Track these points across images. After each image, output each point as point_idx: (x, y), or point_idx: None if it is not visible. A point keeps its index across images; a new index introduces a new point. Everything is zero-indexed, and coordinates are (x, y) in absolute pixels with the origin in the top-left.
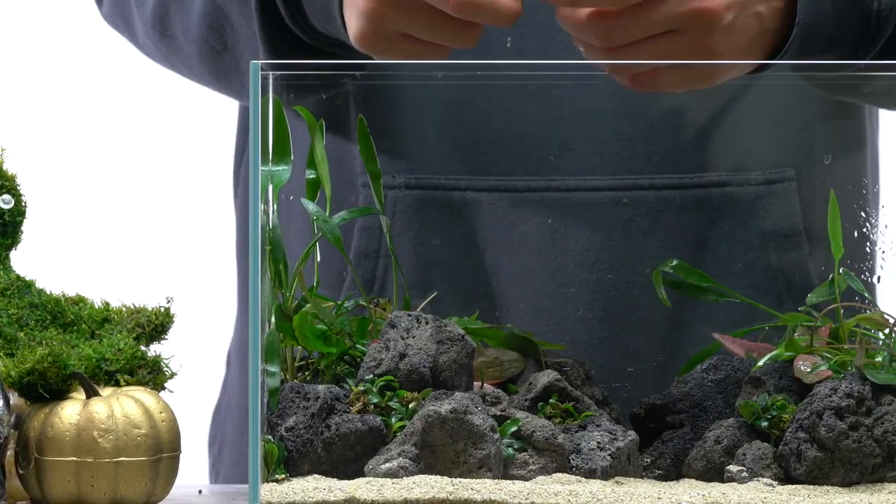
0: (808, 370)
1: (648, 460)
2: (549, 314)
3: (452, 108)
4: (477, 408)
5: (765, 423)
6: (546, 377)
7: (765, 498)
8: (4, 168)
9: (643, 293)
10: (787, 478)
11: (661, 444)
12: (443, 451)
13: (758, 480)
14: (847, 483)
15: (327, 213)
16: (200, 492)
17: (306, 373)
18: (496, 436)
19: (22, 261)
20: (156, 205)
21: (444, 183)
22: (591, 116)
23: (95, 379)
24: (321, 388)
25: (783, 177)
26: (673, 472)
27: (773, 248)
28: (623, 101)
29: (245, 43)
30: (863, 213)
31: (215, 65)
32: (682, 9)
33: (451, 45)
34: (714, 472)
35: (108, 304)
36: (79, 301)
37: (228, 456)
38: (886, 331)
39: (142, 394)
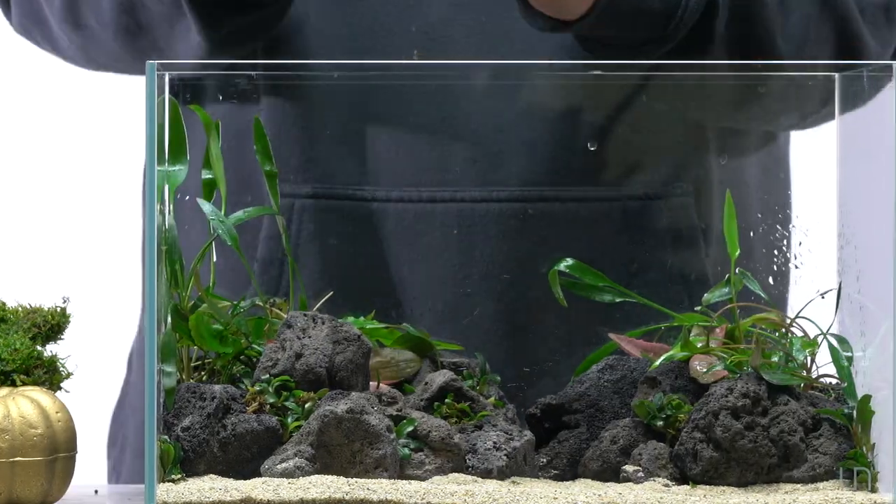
0: (704, 370)
1: (544, 460)
2: (454, 324)
3: (358, 119)
4: (373, 408)
5: (660, 423)
6: (442, 377)
7: (661, 498)
8: None
9: (548, 303)
10: (682, 478)
11: (558, 444)
12: (339, 451)
13: (654, 480)
14: (743, 483)
15: (223, 213)
16: (97, 492)
17: (202, 373)
18: (392, 436)
19: None
20: (51, 204)
21: (350, 193)
22: (496, 129)
23: None
24: (217, 387)
25: (682, 190)
26: (569, 472)
27: (677, 260)
28: (527, 115)
29: (160, 20)
30: (759, 214)
31: (133, 46)
32: None
33: None
34: (610, 472)
35: (3, 303)
36: None
37: (130, 457)
38: (782, 330)
39: (38, 394)
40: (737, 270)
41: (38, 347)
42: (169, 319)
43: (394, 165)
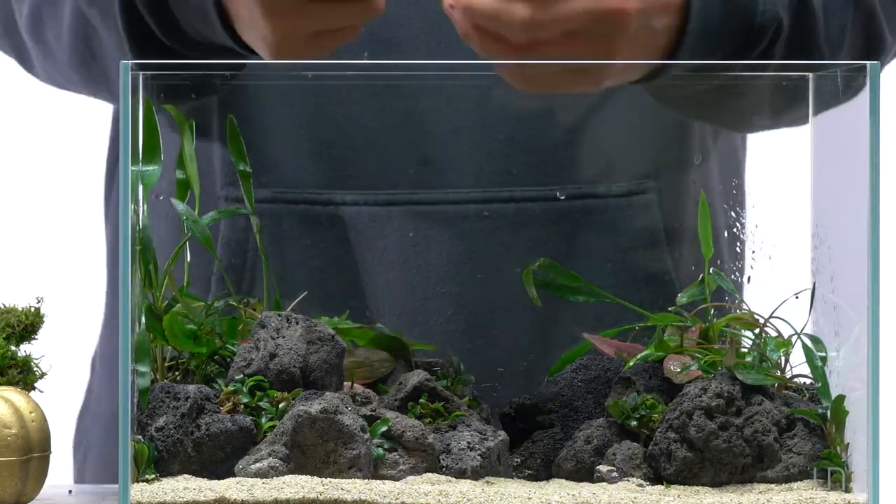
0: (679, 370)
1: (518, 460)
2: (412, 327)
3: (312, 122)
4: (347, 408)
5: (634, 423)
6: (416, 377)
7: (635, 498)
8: None
9: (505, 305)
10: (657, 478)
11: (532, 444)
12: (313, 452)
13: (628, 480)
14: (717, 483)
15: (196, 213)
16: (70, 492)
17: (176, 373)
18: (366, 436)
19: None
20: (25, 204)
21: (304, 197)
22: (452, 130)
23: None
24: (191, 388)
25: (644, 188)
26: (543, 472)
27: (636, 260)
28: (483, 115)
29: (110, 52)
30: (733, 214)
31: (86, 72)
32: (597, 6)
33: (361, 18)
34: (584, 472)
35: None
36: None
37: (93, 462)
38: (756, 331)
39: (12, 393)
40: (710, 270)
41: (13, 347)
42: (143, 319)
43: (349, 168)
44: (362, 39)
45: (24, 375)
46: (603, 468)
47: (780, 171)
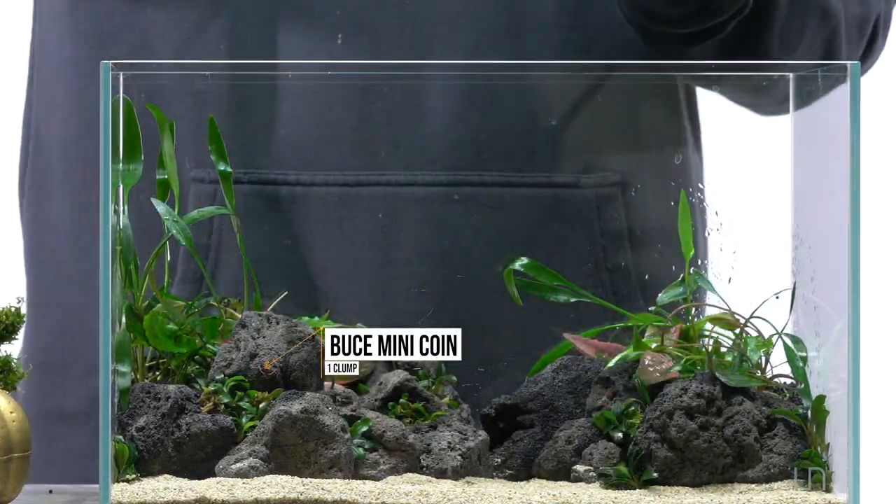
0: (651, 367)
1: (499, 460)
2: (379, 309)
3: (282, 102)
4: (327, 408)
5: (619, 435)
6: (396, 377)
7: (615, 498)
8: None
9: (471, 289)
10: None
11: (512, 444)
12: (293, 451)
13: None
14: (697, 483)
15: (176, 212)
16: (51, 491)
17: (157, 373)
18: (347, 436)
19: None
20: (4, 204)
21: (273, 177)
22: (423, 114)
23: None
24: (172, 387)
25: (610, 181)
26: (523, 472)
27: (601, 251)
28: (454, 100)
29: None
30: (716, 213)
31: None
32: None
33: None
34: (565, 472)
35: None
36: None
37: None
38: (737, 331)
39: None
40: (691, 270)
41: None
42: (123, 319)
43: (317, 149)
44: (335, 22)
45: (4, 375)
46: (580, 468)
47: (760, 170)
